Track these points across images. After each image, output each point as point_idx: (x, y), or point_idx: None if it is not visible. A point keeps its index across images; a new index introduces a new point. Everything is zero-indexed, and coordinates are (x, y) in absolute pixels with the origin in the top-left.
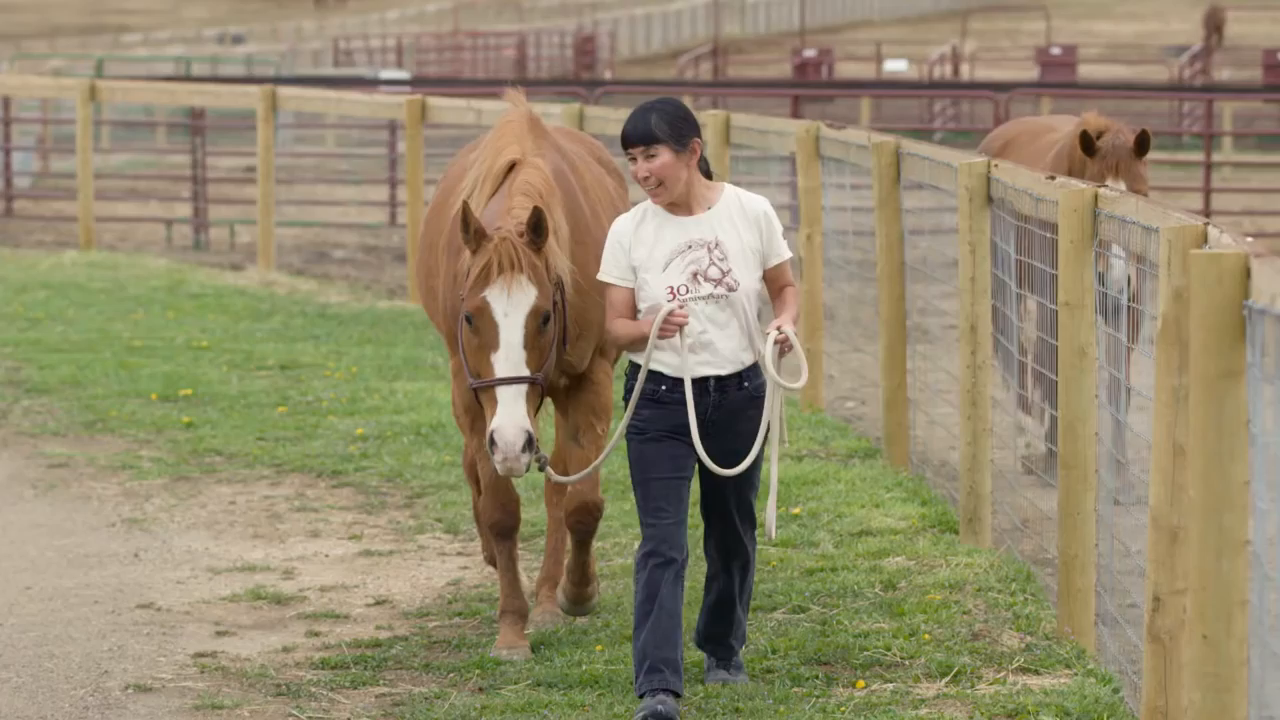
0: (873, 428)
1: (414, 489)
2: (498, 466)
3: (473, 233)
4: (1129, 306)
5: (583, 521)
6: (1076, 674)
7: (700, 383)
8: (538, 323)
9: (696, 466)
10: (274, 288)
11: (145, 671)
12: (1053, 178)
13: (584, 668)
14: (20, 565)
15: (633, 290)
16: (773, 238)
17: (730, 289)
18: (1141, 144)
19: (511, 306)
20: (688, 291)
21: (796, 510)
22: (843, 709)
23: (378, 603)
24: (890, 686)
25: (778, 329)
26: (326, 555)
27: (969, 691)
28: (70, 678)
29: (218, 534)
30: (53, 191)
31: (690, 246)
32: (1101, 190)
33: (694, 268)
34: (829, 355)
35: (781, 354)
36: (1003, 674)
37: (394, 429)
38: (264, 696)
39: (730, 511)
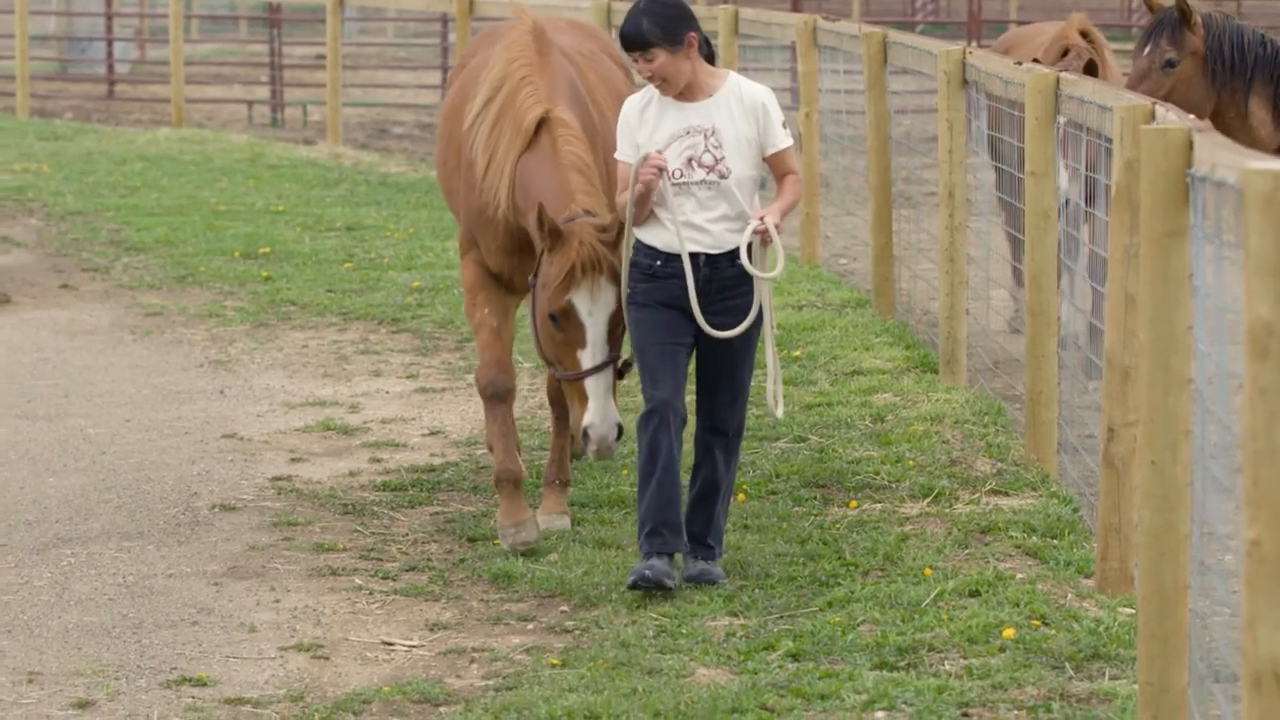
0: (863, 281)
1: (463, 334)
2: (589, 455)
3: (548, 231)
4: (1086, 177)
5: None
6: (1041, 495)
7: (691, 258)
8: (618, 316)
9: (693, 340)
10: (341, 160)
11: (229, 493)
12: (1019, 63)
13: (611, 489)
14: (121, 401)
15: None
16: (770, 127)
17: (722, 176)
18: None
19: (596, 307)
20: (681, 175)
21: (797, 353)
22: (837, 525)
23: (432, 433)
24: (879, 506)
25: (759, 219)
26: (387, 392)
27: (947, 510)
28: (164, 498)
29: (292, 373)
30: (149, 77)
31: (688, 132)
32: (1063, 74)
33: (689, 153)
34: (825, 218)
35: (764, 243)
36: (977, 495)
37: (445, 282)
38: (333, 514)
39: (719, 386)
